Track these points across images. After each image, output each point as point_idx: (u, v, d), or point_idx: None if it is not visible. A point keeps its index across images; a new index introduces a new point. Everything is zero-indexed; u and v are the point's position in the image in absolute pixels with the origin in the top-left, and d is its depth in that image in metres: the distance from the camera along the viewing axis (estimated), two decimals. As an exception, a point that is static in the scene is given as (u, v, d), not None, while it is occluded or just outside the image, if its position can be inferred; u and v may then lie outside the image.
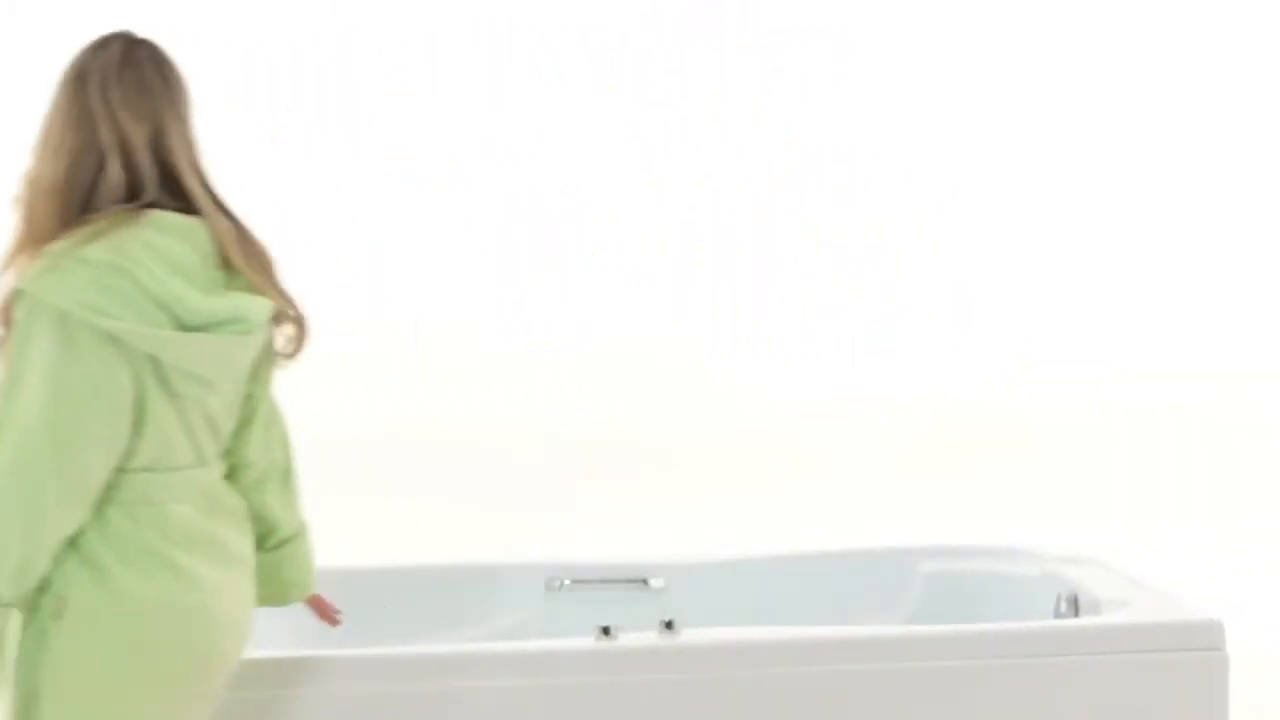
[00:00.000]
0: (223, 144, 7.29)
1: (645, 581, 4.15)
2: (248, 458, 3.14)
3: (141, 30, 7.38)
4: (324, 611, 3.46)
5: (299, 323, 3.10)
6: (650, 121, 7.82)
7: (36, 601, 2.85)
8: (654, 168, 7.82)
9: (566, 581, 4.14)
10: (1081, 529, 4.83)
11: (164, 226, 2.91)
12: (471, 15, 7.66)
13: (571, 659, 3.42)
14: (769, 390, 7.67)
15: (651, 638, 3.46)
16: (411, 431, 6.99)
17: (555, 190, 7.74)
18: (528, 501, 7.02)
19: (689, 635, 3.47)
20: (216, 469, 3.04)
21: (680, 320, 7.72)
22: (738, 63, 7.83)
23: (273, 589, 3.25)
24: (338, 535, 4.73)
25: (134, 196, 2.92)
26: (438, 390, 7.16)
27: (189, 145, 3.03)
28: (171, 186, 2.96)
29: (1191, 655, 3.48)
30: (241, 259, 3.00)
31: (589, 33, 7.75)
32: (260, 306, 3.00)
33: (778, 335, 7.74)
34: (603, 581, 4.14)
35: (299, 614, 3.52)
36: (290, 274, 6.54)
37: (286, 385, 4.49)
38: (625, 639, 3.45)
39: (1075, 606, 3.78)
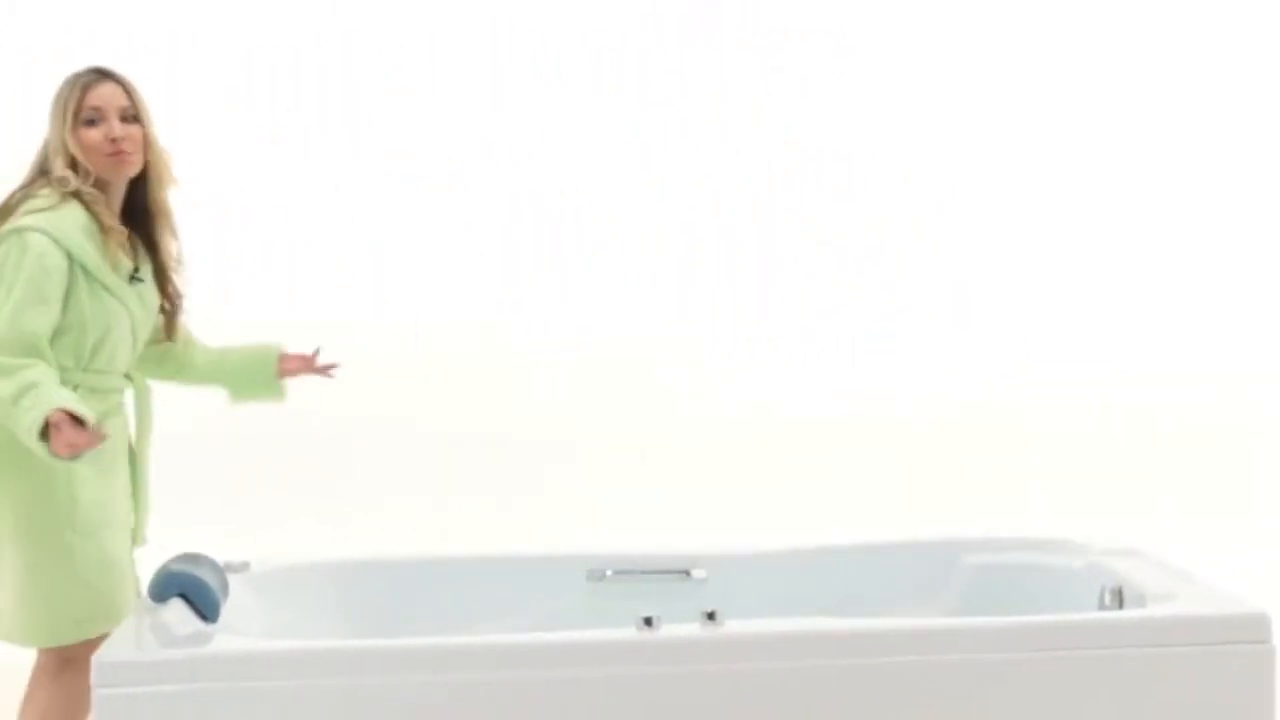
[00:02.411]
0: (223, 144, 7.26)
1: (687, 573, 4.14)
2: None
3: (140, 30, 7.31)
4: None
5: None
6: (650, 121, 7.80)
7: None
8: (654, 168, 7.80)
9: (609, 572, 4.13)
10: (1113, 524, 4.82)
11: None
12: (471, 15, 7.64)
13: (613, 650, 3.41)
14: (795, 387, 7.67)
15: (694, 629, 3.45)
16: (446, 427, 6.97)
17: (555, 190, 7.72)
18: (569, 493, 7.00)
19: (731, 626, 3.46)
20: None
21: (688, 318, 7.70)
22: (738, 63, 7.83)
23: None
24: (381, 528, 4.74)
25: None
26: (464, 389, 7.13)
27: None
28: None
29: (1238, 648, 3.46)
30: None
31: (589, 33, 7.73)
32: None
33: (783, 334, 7.73)
34: (645, 573, 4.13)
35: (341, 603, 3.52)
36: (293, 273, 6.51)
37: (310, 386, 4.52)
38: (667, 630, 3.44)
39: (1120, 599, 3.78)
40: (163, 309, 4.15)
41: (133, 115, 3.94)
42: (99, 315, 3.88)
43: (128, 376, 4.07)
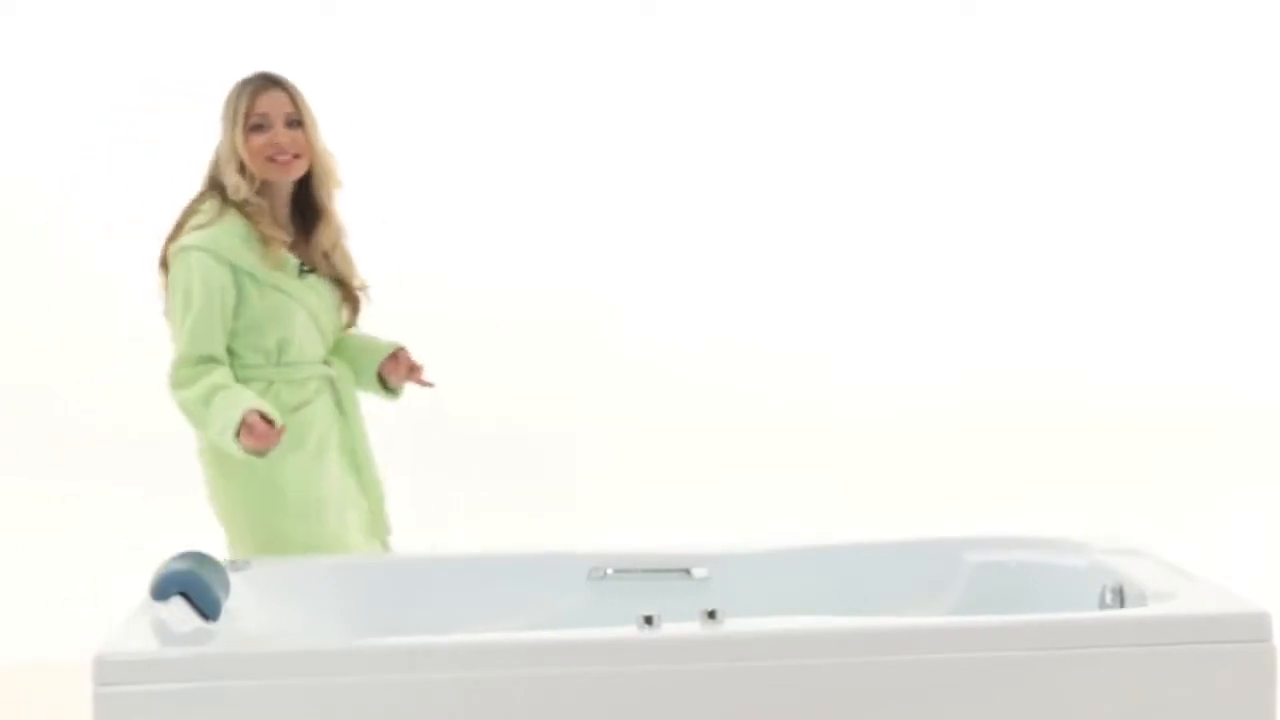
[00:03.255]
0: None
1: (688, 571, 4.14)
2: None
3: (142, 30, 7.28)
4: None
5: None
6: (649, 121, 7.79)
7: None
8: (654, 167, 7.80)
9: (609, 571, 4.13)
10: (1114, 523, 4.82)
11: None
12: (468, 15, 7.63)
13: (614, 648, 3.40)
14: (796, 386, 7.66)
15: (694, 628, 3.44)
16: (445, 424, 6.96)
17: (558, 187, 7.72)
18: (570, 492, 7.01)
19: (732, 625, 3.46)
20: None
21: (689, 316, 7.70)
22: (737, 62, 7.82)
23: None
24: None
25: None
26: (461, 386, 7.11)
27: None
28: None
29: (1238, 647, 3.46)
30: None
31: (588, 32, 7.73)
32: None
33: (784, 332, 7.73)
34: (646, 571, 4.13)
35: (341, 601, 3.51)
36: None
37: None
38: (668, 629, 3.43)
39: (1120, 598, 3.77)
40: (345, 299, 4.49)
41: (297, 120, 4.25)
42: (273, 313, 4.24)
43: (327, 363, 4.41)
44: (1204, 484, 7.33)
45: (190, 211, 4.27)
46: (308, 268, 4.34)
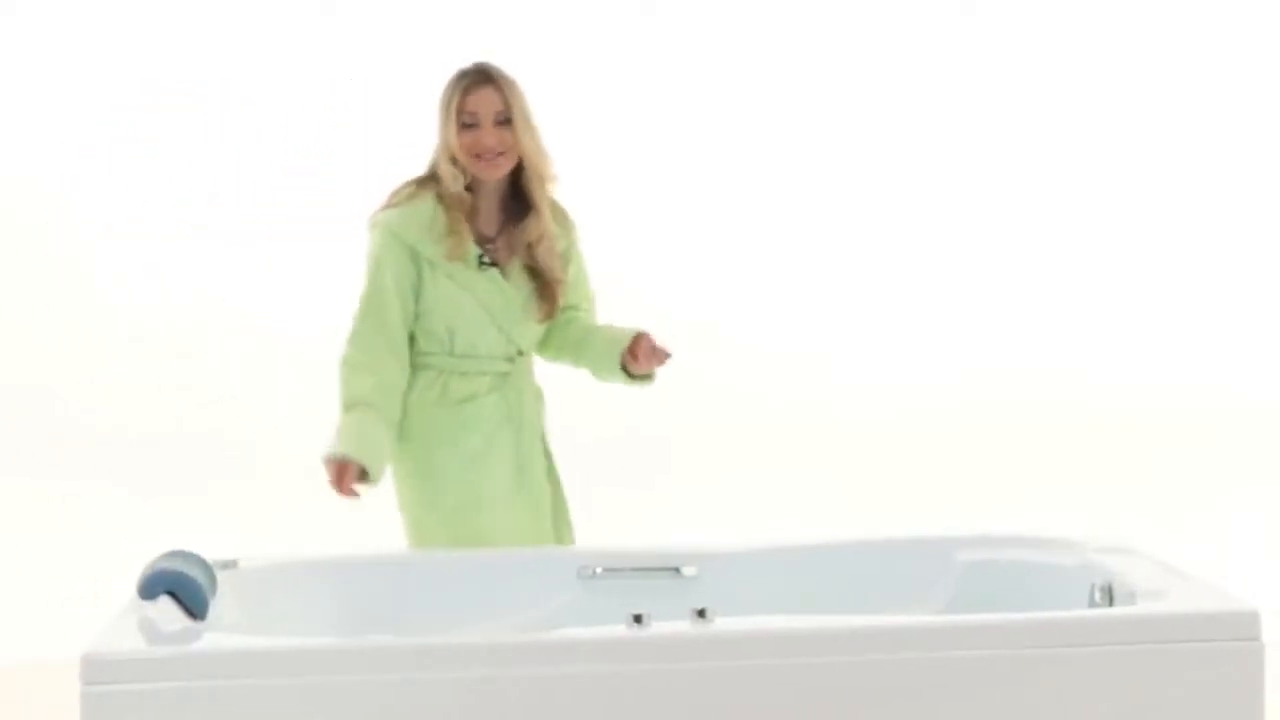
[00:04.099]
0: (224, 144, 7.23)
1: (678, 570, 4.12)
2: None
3: (142, 30, 7.28)
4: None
5: None
6: (649, 122, 7.79)
7: None
8: (653, 167, 7.79)
9: (599, 570, 4.12)
10: (1108, 522, 4.82)
11: None
12: (468, 15, 7.63)
13: (603, 647, 3.39)
14: (788, 384, 7.66)
15: (684, 626, 3.43)
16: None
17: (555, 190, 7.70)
18: (568, 491, 7.00)
19: (721, 624, 3.45)
20: None
21: (680, 315, 7.69)
22: (737, 63, 7.82)
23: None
24: (370, 524, 4.74)
25: None
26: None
27: None
28: None
29: (1227, 645, 3.45)
30: None
31: (588, 31, 7.72)
32: None
33: (776, 331, 7.73)
34: (635, 570, 4.12)
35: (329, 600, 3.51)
36: (299, 277, 6.48)
37: (289, 380, 4.55)
38: (657, 627, 3.42)
39: (1110, 596, 3.76)
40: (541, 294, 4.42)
41: (506, 118, 4.24)
42: (443, 302, 4.29)
43: (511, 360, 4.43)
44: (1203, 484, 7.32)
45: (395, 190, 4.33)
46: (489, 260, 4.34)
